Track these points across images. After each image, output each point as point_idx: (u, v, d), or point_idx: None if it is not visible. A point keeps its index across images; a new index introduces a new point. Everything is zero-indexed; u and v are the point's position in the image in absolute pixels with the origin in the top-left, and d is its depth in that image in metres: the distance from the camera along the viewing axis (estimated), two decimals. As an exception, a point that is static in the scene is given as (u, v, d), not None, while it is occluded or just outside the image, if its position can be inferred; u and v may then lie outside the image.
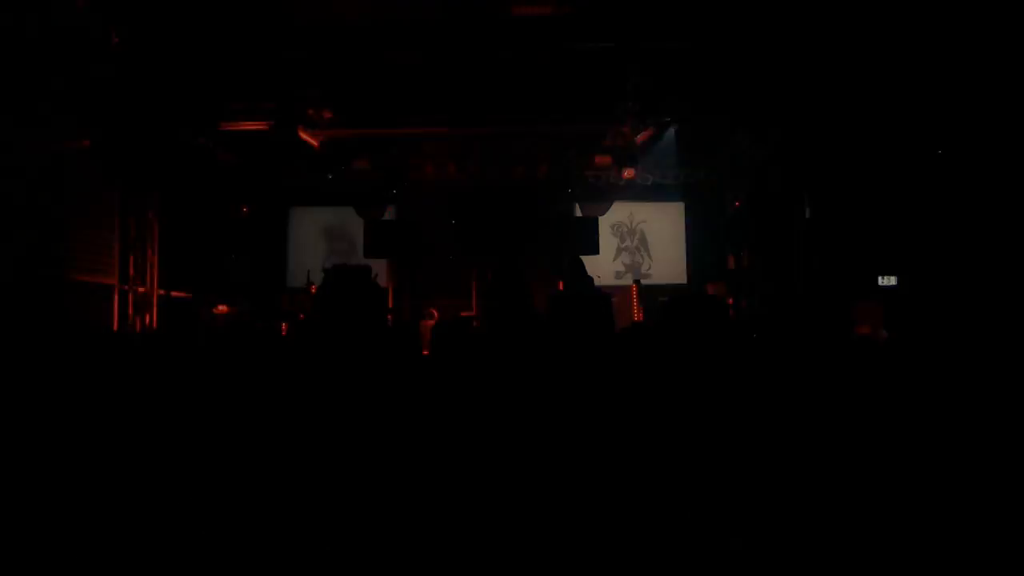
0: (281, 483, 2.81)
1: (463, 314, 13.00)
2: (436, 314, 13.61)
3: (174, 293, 14.22)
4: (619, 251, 17.35)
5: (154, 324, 13.52)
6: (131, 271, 13.03)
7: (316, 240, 17.40)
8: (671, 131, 14.37)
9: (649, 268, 17.27)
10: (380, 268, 14.78)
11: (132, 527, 2.64)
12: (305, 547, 2.52)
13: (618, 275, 16.86)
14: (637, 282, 15.03)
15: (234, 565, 2.48)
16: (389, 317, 13.30)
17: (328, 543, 2.54)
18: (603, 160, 15.29)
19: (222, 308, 13.54)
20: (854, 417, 3.24)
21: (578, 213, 16.88)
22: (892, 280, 13.15)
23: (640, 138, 14.30)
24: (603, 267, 15.87)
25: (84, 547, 2.54)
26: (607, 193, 16.67)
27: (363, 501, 2.70)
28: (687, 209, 17.40)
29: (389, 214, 16.96)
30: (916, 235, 12.37)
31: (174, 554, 2.53)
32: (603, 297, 9.74)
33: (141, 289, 13.33)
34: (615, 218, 17.25)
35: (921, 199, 12.25)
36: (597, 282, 12.72)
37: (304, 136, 13.65)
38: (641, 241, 17.43)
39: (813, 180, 13.86)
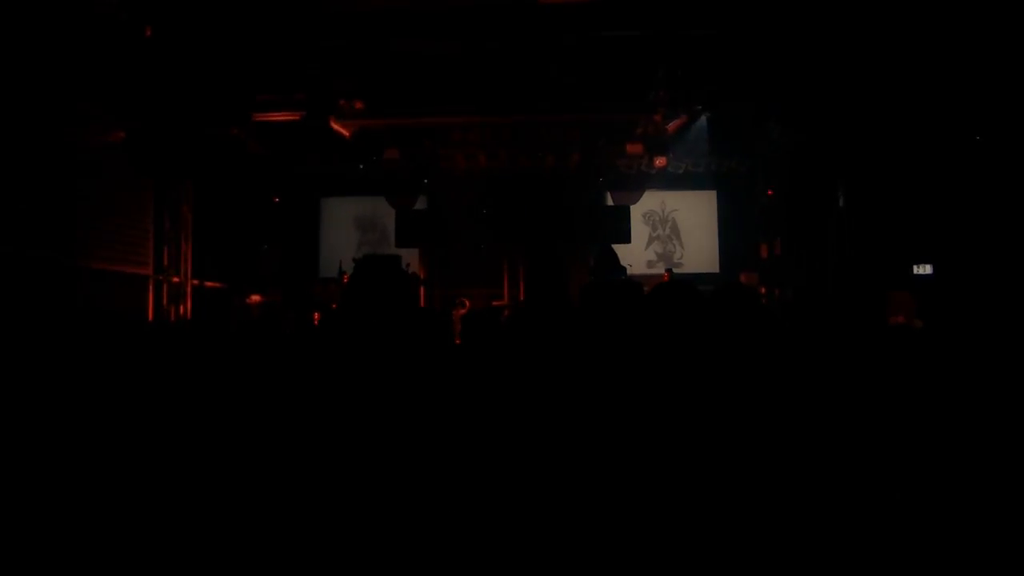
0: (309, 473, 2.83)
1: (495, 303, 13.03)
2: (468, 303, 13.63)
3: (208, 283, 14.35)
4: (651, 240, 17.32)
5: (188, 314, 13.65)
6: (165, 261, 13.17)
7: (348, 230, 17.46)
8: (703, 119, 14.31)
9: (681, 257, 17.22)
10: (411, 257, 14.84)
11: (158, 519, 2.67)
12: (333, 536, 2.54)
13: (650, 264, 16.83)
14: (669, 271, 14.98)
15: (268, 555, 2.50)
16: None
17: (354, 533, 2.55)
18: (635, 148, 15.21)
19: (255, 298, 13.65)
20: (889, 408, 3.21)
21: (609, 202, 16.84)
22: (927, 269, 13.03)
23: (672, 126, 14.24)
24: (635, 256, 15.84)
25: (99, 542, 2.57)
26: (639, 181, 16.58)
27: (392, 493, 2.70)
28: (719, 197, 17.31)
29: (420, 203, 16.99)
30: (952, 223, 12.25)
31: (198, 550, 2.55)
32: (635, 286, 9.69)
33: (175, 279, 13.46)
34: (647, 206, 17.19)
35: (957, 186, 12.12)
36: (628, 271, 12.71)
37: (335, 126, 13.70)
38: (673, 230, 17.38)
39: (847, 168, 13.75)
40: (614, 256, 10.95)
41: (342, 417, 3.05)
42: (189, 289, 13.82)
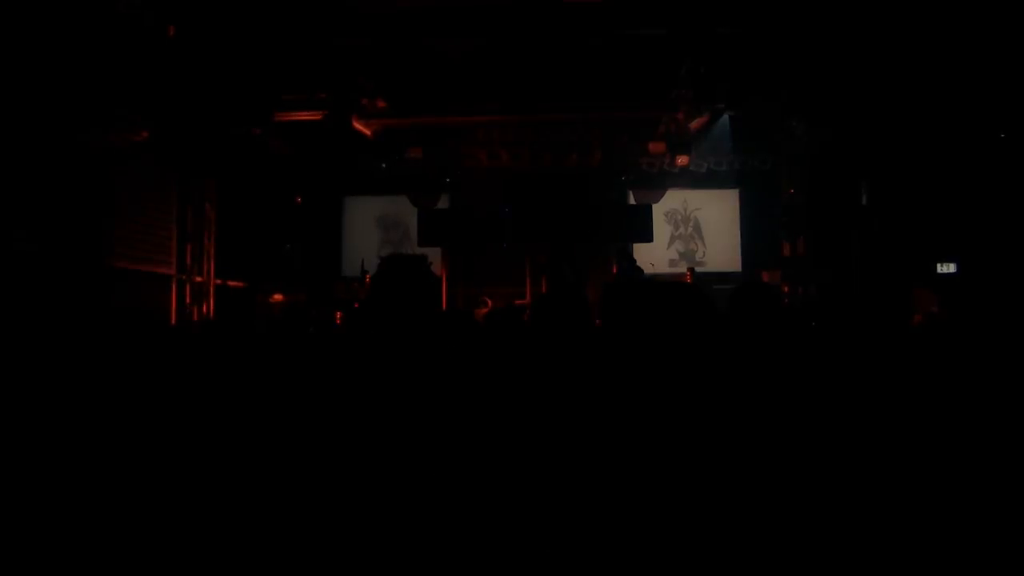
0: (330, 471, 2.84)
1: (517, 302, 13.01)
2: (490, 302, 13.62)
3: (230, 282, 14.41)
4: (673, 238, 17.24)
5: (211, 313, 13.71)
6: (188, 261, 13.22)
7: (370, 229, 17.49)
8: (725, 118, 14.26)
9: (703, 256, 17.13)
10: (434, 256, 14.86)
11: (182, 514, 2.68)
12: (355, 531, 2.54)
13: (672, 263, 16.76)
14: (691, 270, 14.94)
15: (294, 549, 2.51)
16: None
17: (375, 528, 2.56)
18: (657, 147, 15.19)
19: (278, 297, 13.69)
20: (914, 407, 3.19)
21: (632, 200, 16.83)
22: (951, 267, 12.94)
23: (694, 125, 14.20)
24: (657, 254, 15.81)
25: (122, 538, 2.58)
26: (661, 180, 16.57)
27: (414, 492, 2.71)
28: (742, 196, 17.21)
29: (443, 202, 17.02)
30: (976, 221, 12.16)
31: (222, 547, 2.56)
32: (656, 285, 9.68)
33: (198, 278, 13.52)
34: (669, 205, 17.12)
35: (981, 184, 12.03)
36: (650, 270, 12.68)
37: (358, 126, 13.74)
38: (695, 228, 17.30)
39: (870, 166, 13.68)
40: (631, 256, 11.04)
41: (364, 416, 3.06)
42: (212, 288, 13.88)
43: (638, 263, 12.12)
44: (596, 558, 2.39)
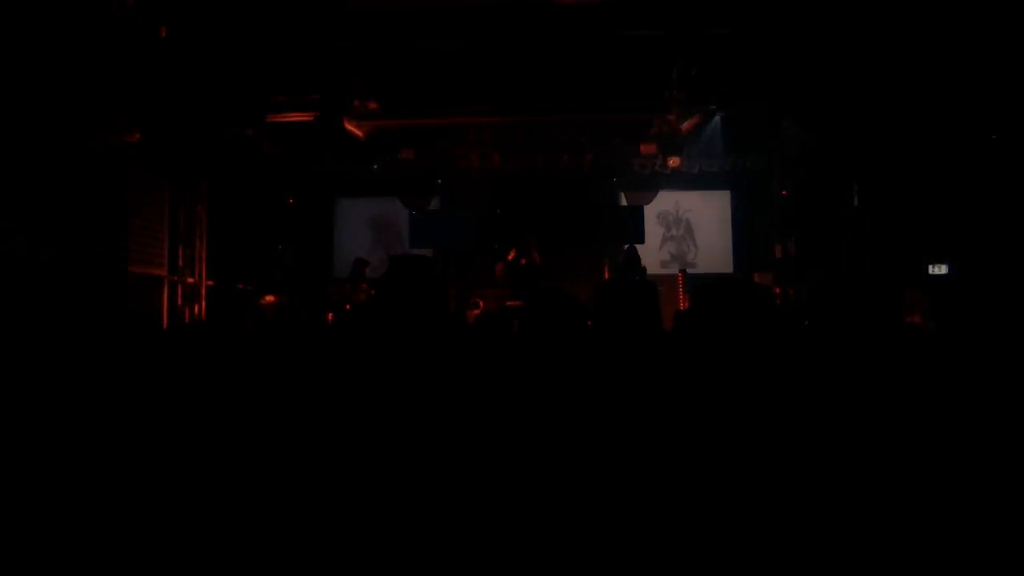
0: (326, 474, 2.83)
1: (508, 303, 13.00)
2: (481, 304, 13.61)
3: (222, 284, 14.39)
4: (665, 240, 17.27)
5: (203, 315, 13.69)
6: (180, 262, 13.20)
7: (362, 230, 17.48)
8: (717, 119, 14.25)
9: (695, 257, 17.16)
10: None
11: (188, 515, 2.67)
12: (347, 535, 2.54)
13: (664, 264, 16.77)
14: (683, 271, 14.96)
15: (289, 552, 2.51)
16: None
17: (370, 531, 2.55)
18: (649, 148, 15.18)
19: (269, 298, 13.67)
20: (906, 409, 3.19)
21: (623, 202, 16.86)
22: (943, 268, 12.97)
23: (686, 126, 14.20)
24: (649, 256, 15.83)
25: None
26: (653, 181, 16.59)
27: (412, 495, 2.70)
28: (733, 197, 17.25)
29: (434, 204, 17.03)
30: (968, 222, 12.19)
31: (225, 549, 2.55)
32: (648, 285, 9.65)
33: (190, 280, 13.50)
34: (661, 207, 17.16)
35: (973, 185, 12.06)
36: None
37: (349, 127, 13.70)
38: (687, 230, 17.33)
39: (862, 167, 13.70)
40: (635, 257, 11.04)
41: (355, 418, 3.06)
42: (203, 290, 13.86)
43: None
44: (591, 563, 2.39)
